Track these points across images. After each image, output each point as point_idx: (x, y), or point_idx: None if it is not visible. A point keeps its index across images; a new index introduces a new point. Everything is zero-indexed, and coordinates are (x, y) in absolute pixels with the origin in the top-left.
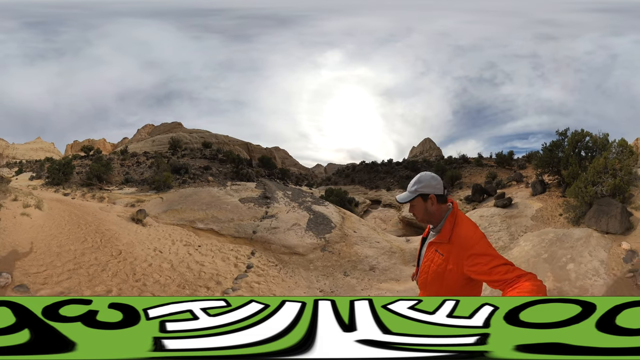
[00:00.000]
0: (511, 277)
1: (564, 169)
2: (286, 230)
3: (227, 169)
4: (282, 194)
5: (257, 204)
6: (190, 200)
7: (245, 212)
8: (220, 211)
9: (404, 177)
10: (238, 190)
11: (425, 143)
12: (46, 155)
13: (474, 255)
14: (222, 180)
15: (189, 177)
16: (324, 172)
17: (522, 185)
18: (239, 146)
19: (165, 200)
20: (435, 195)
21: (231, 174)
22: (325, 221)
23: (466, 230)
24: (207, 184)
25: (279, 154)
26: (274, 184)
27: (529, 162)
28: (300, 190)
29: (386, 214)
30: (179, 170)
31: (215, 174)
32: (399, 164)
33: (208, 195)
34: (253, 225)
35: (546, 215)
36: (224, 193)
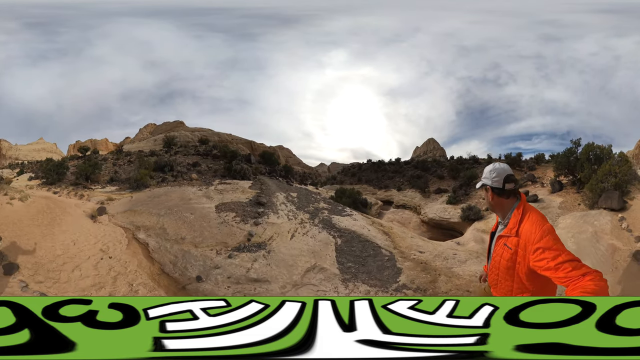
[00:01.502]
0: (576, 275)
1: (579, 171)
2: (287, 284)
3: (220, 165)
4: (285, 197)
5: (241, 214)
6: (156, 201)
7: (213, 231)
8: (176, 221)
9: (414, 176)
10: (223, 192)
11: (429, 143)
12: (49, 156)
13: (540, 249)
14: (210, 178)
15: (172, 175)
16: (327, 171)
17: (537, 185)
18: (242, 144)
19: (133, 199)
20: (491, 187)
21: (222, 171)
22: (366, 248)
23: (534, 223)
24: (189, 182)
25: (283, 153)
26: (274, 183)
27: (537, 164)
28: (308, 192)
29: (402, 215)
30: (163, 167)
31: (204, 170)
32: (407, 163)
33: (178, 197)
34: (207, 265)
35: (568, 205)
36: (201, 195)
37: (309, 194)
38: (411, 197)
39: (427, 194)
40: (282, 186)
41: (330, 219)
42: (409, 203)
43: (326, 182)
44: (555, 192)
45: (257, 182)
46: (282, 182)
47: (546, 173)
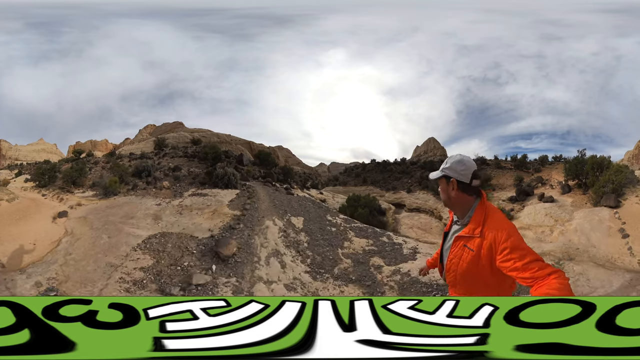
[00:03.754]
0: (542, 275)
1: (585, 177)
2: None
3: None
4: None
5: (184, 265)
6: (107, 212)
7: (95, 275)
8: (92, 239)
9: (424, 177)
10: (186, 210)
11: (429, 142)
12: (48, 157)
13: (507, 249)
14: (185, 186)
15: (146, 182)
16: (327, 171)
17: (547, 187)
18: (241, 145)
19: (95, 207)
20: (457, 181)
21: (202, 177)
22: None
23: (498, 223)
24: (157, 191)
25: (282, 153)
26: (268, 194)
27: (542, 165)
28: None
29: (420, 220)
30: (140, 173)
31: (182, 176)
32: (413, 164)
33: (125, 211)
34: None
35: (577, 204)
36: (152, 212)
37: (319, 214)
38: (424, 199)
39: None
40: (278, 201)
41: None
42: (423, 206)
43: (328, 182)
44: (565, 194)
45: (244, 193)
46: (279, 191)
47: (551, 175)
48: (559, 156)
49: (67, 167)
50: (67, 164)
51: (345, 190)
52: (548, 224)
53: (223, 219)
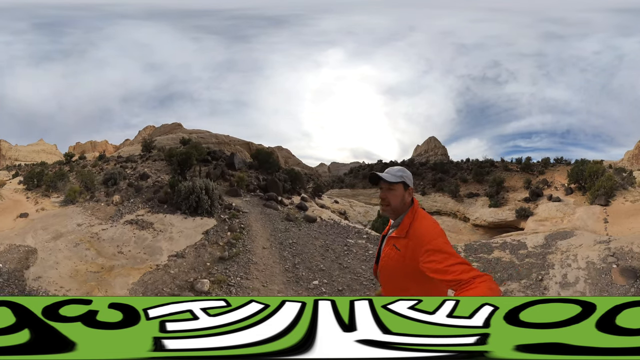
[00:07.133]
0: (466, 278)
1: (585, 182)
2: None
3: None
4: None
5: None
6: (44, 221)
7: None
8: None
9: (437, 179)
10: (106, 247)
11: (429, 142)
12: (48, 158)
13: (430, 251)
14: (140, 202)
15: (106, 193)
16: (327, 172)
17: (552, 189)
18: (240, 146)
19: (48, 213)
20: (411, 188)
21: (163, 193)
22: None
23: (425, 226)
24: (106, 206)
25: (282, 154)
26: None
27: (545, 168)
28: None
29: (447, 223)
30: (107, 181)
31: (145, 187)
32: (422, 165)
33: (47, 225)
34: None
35: (578, 202)
36: (65, 233)
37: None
38: (443, 202)
39: (459, 199)
40: (289, 245)
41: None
42: (443, 209)
43: (332, 184)
44: (568, 195)
45: (224, 226)
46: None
47: (554, 177)
48: (560, 158)
49: (49, 173)
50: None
51: (354, 194)
52: (559, 216)
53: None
